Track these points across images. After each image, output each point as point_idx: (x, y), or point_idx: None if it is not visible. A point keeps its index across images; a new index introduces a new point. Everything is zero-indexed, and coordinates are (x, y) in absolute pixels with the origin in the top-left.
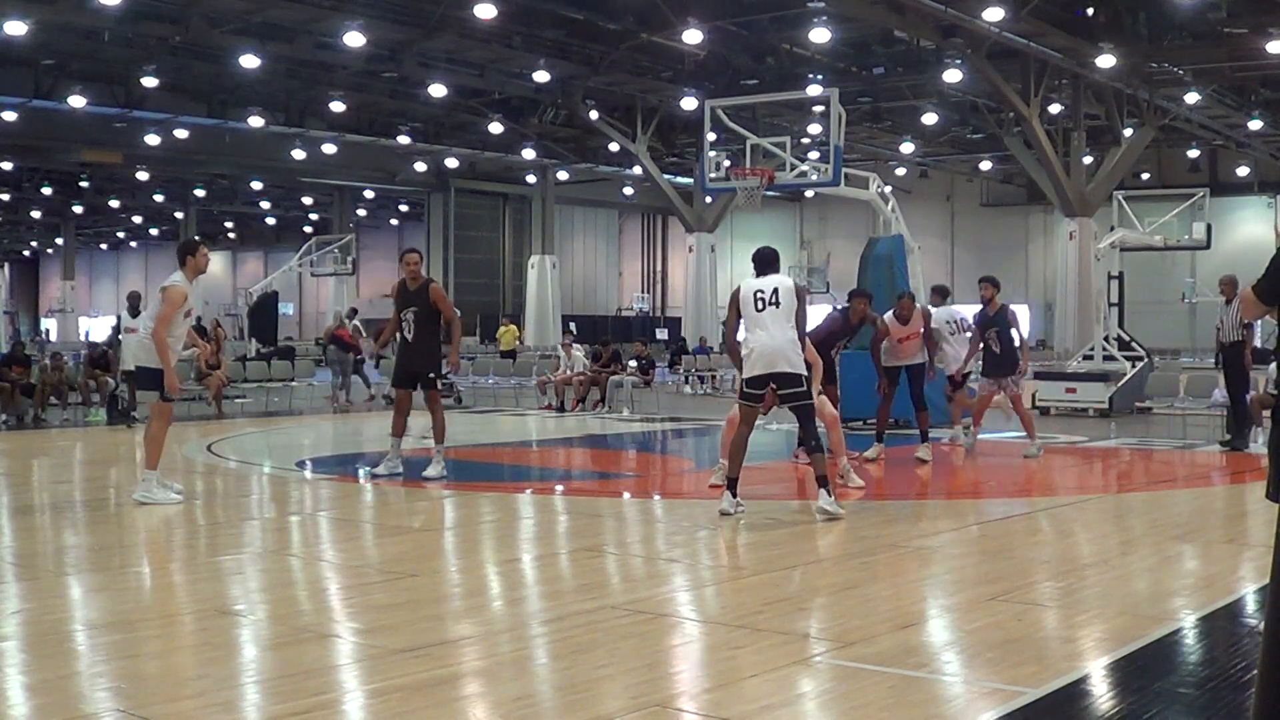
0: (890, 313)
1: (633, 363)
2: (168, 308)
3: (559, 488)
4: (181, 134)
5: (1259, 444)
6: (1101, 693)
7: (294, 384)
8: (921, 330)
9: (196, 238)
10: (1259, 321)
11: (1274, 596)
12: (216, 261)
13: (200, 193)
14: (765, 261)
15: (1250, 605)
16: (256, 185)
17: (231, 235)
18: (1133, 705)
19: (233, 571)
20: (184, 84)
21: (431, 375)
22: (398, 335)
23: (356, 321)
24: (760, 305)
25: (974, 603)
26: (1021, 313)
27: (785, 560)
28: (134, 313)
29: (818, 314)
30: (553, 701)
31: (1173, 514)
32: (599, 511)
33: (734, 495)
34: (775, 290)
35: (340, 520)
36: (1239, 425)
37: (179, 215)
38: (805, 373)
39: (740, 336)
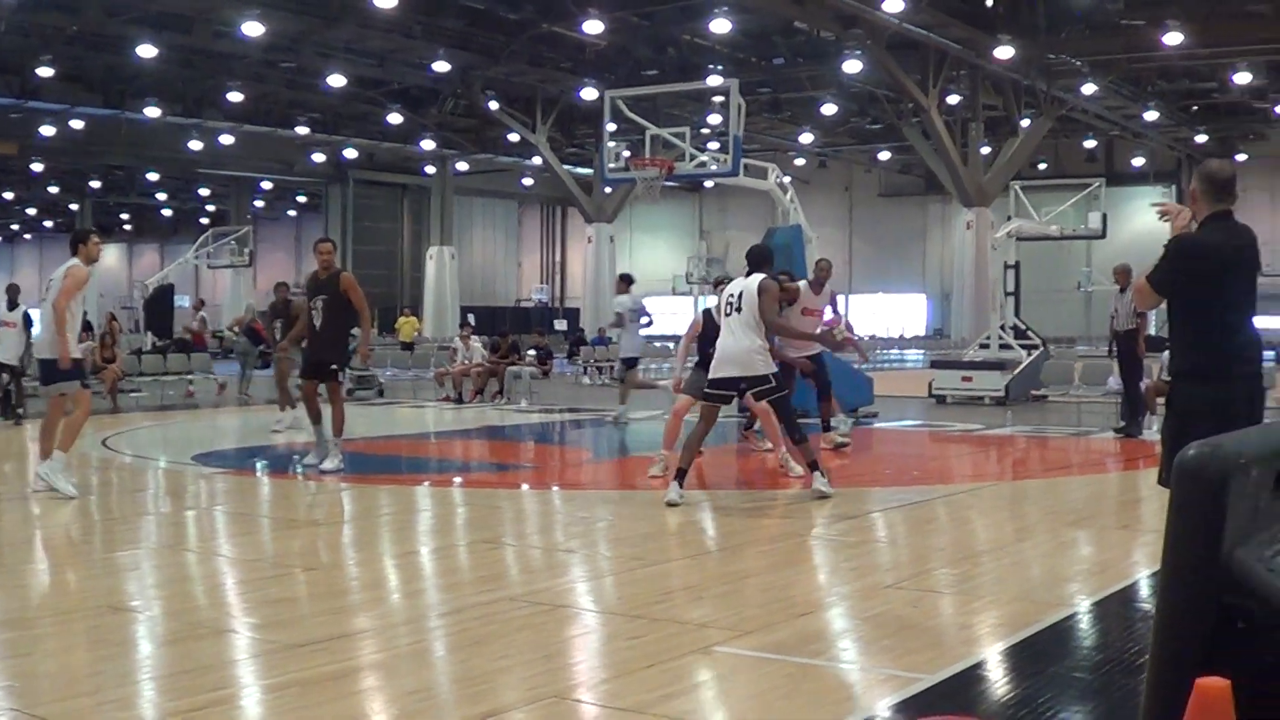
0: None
1: (531, 353)
2: (70, 283)
3: (457, 480)
4: (77, 125)
5: (1152, 431)
6: (997, 678)
7: (191, 377)
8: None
9: (90, 228)
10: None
11: (1165, 581)
12: (112, 254)
13: (96, 184)
14: (753, 260)
15: (1144, 590)
16: (153, 176)
17: (127, 227)
18: (1028, 690)
19: (128, 567)
20: (80, 74)
21: (334, 366)
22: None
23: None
24: (729, 310)
25: (871, 590)
26: (919, 302)
27: (683, 550)
28: (11, 305)
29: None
30: (450, 694)
31: (1068, 500)
32: (497, 503)
33: (681, 485)
34: (740, 295)
35: (236, 514)
36: (1132, 412)
37: (74, 207)
38: (772, 370)
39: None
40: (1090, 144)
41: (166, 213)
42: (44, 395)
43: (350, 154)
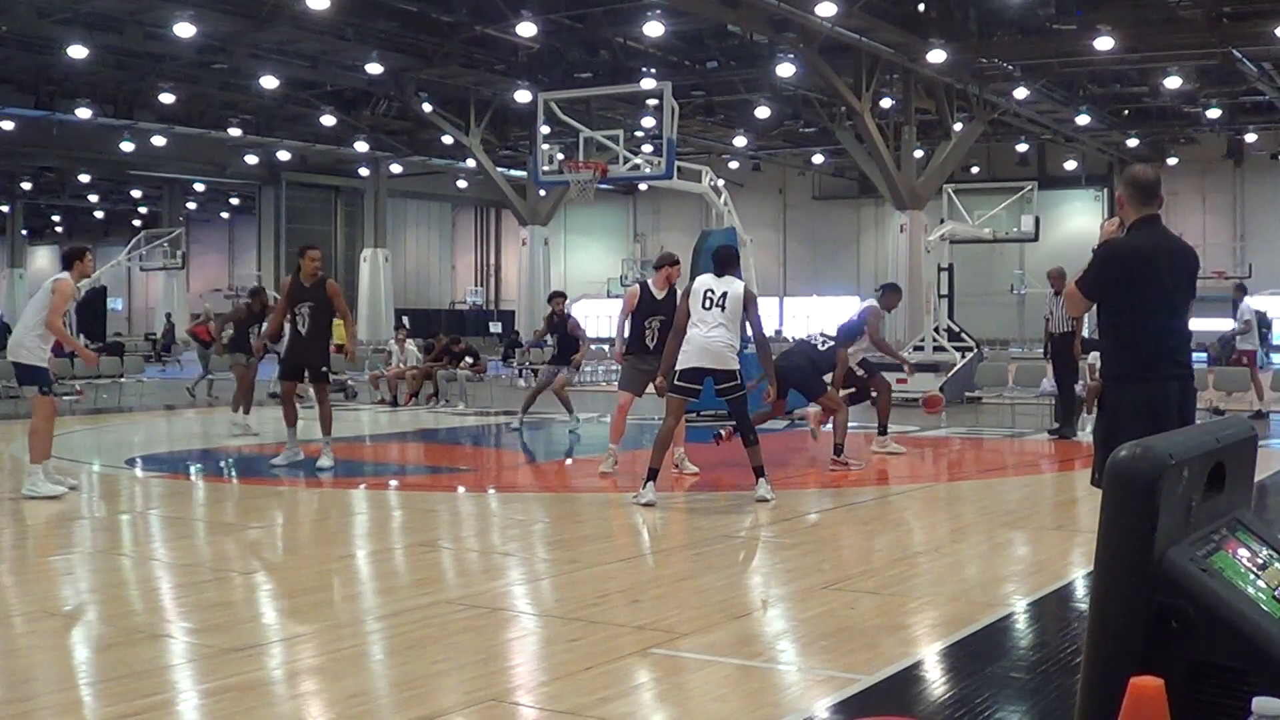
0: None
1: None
2: (59, 299)
3: (393, 483)
4: (7, 126)
5: (1086, 432)
6: (935, 678)
7: (123, 380)
8: None
9: (85, 246)
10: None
11: (1100, 581)
12: (43, 256)
13: (27, 186)
14: (723, 261)
15: (1079, 590)
16: (84, 178)
17: (59, 229)
18: (965, 689)
19: (62, 572)
20: (10, 75)
21: (323, 368)
22: (287, 329)
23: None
24: (708, 304)
25: (807, 592)
26: (853, 304)
27: (620, 552)
28: None
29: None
30: (388, 698)
31: (1003, 502)
32: (434, 506)
33: (654, 485)
34: (725, 294)
35: (172, 518)
36: (1066, 414)
37: (5, 209)
38: (737, 368)
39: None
40: (1022, 148)
41: (98, 215)
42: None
43: (283, 156)
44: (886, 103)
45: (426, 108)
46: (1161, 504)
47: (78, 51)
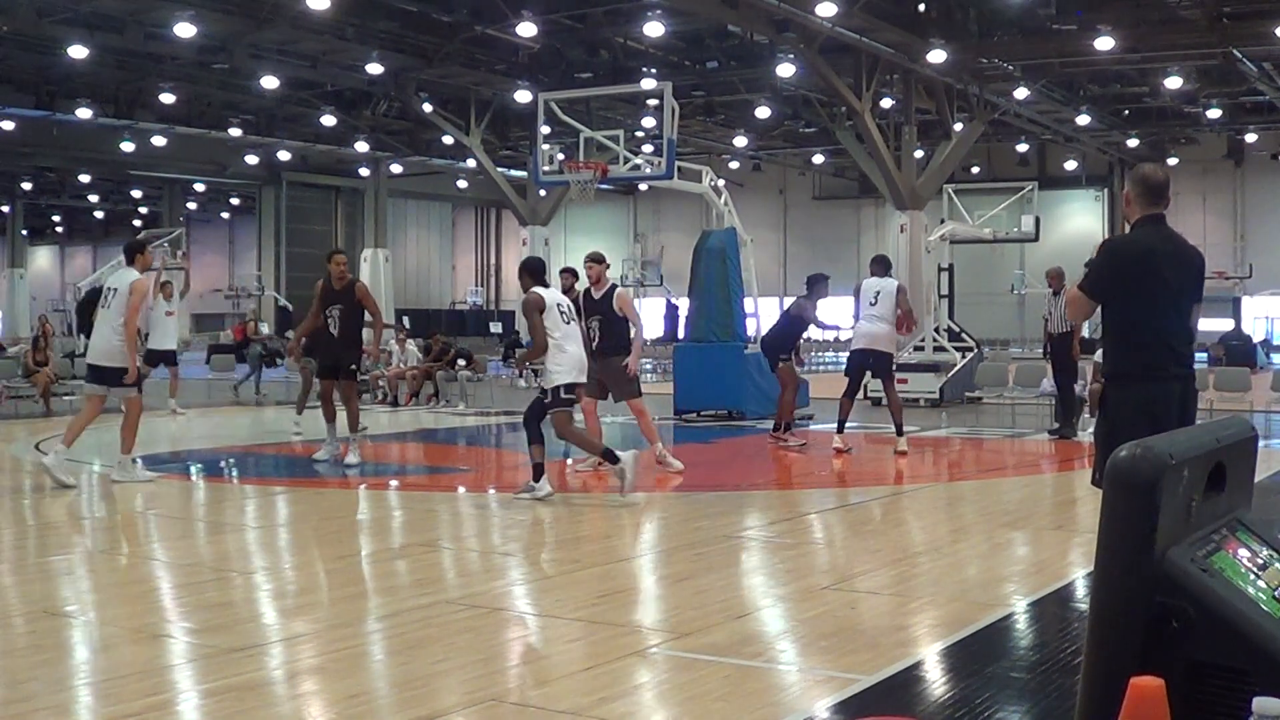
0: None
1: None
2: (136, 298)
3: (393, 483)
4: (8, 126)
5: (1086, 432)
6: (935, 678)
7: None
8: None
9: (143, 238)
10: None
11: (1100, 581)
12: (44, 256)
13: (27, 185)
14: (537, 273)
15: (1079, 590)
16: (85, 178)
17: (59, 229)
18: (965, 690)
19: (63, 572)
20: (11, 75)
21: (353, 366)
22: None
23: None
24: (567, 319)
25: (807, 592)
26: (853, 304)
27: (620, 552)
28: None
29: (653, 307)
30: (388, 698)
31: (1003, 502)
32: (434, 506)
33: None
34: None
35: (172, 518)
36: (1066, 414)
37: (5, 209)
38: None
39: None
40: (1023, 148)
41: (99, 215)
42: (102, 395)
43: (284, 156)
44: (887, 103)
45: (427, 108)
46: (1162, 504)
47: (78, 51)
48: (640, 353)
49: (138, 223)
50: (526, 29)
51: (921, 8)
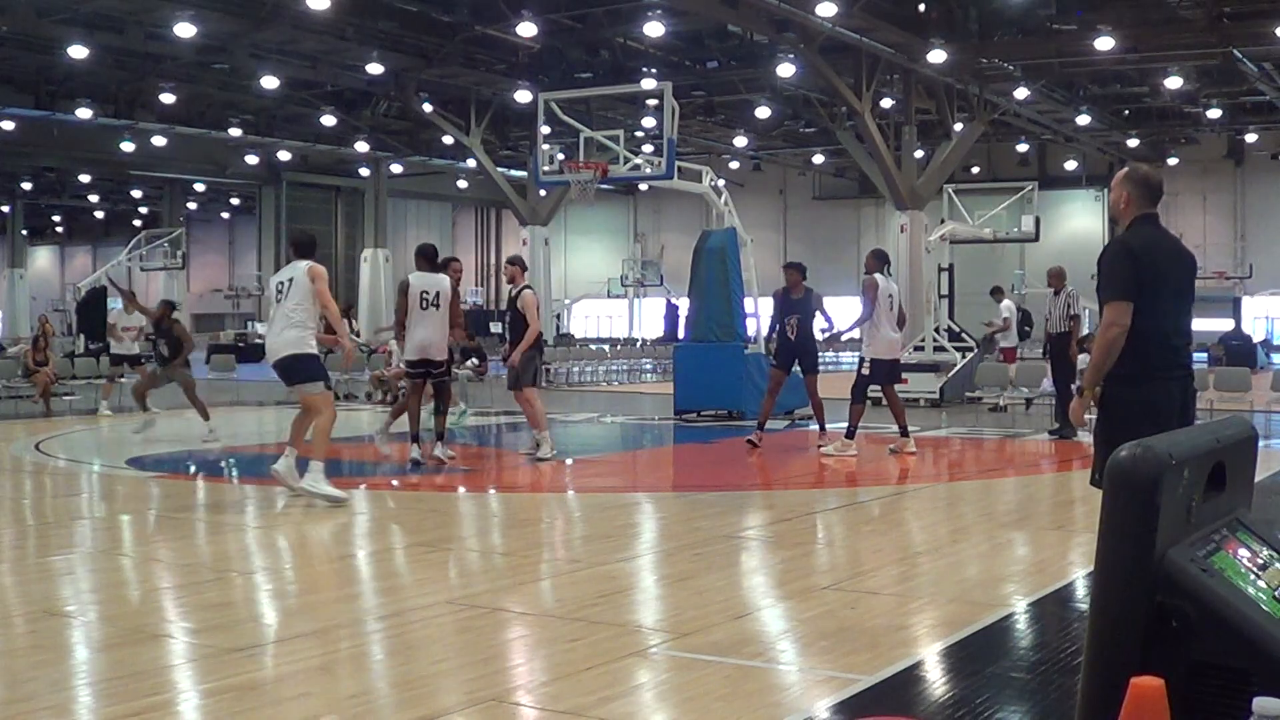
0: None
1: (472, 361)
2: (322, 283)
3: (394, 483)
4: (8, 126)
5: (1086, 432)
6: (935, 678)
7: (123, 381)
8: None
9: (311, 235)
10: (1085, 312)
11: (1100, 581)
12: (44, 256)
13: (27, 186)
14: (429, 258)
15: (1079, 590)
16: (85, 178)
17: (60, 229)
18: (965, 690)
19: (63, 572)
20: (10, 75)
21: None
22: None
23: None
24: (425, 305)
25: (807, 592)
26: (853, 304)
27: (619, 552)
28: None
29: (653, 307)
30: (389, 698)
31: (1003, 502)
32: (434, 506)
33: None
34: (438, 294)
35: (172, 518)
36: (1065, 414)
37: (5, 209)
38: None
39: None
40: (1023, 148)
41: (99, 215)
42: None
43: (284, 156)
44: (887, 103)
45: (427, 108)
46: (1162, 504)
47: (78, 51)
48: (525, 348)
49: (138, 223)
50: (526, 29)
51: (921, 8)
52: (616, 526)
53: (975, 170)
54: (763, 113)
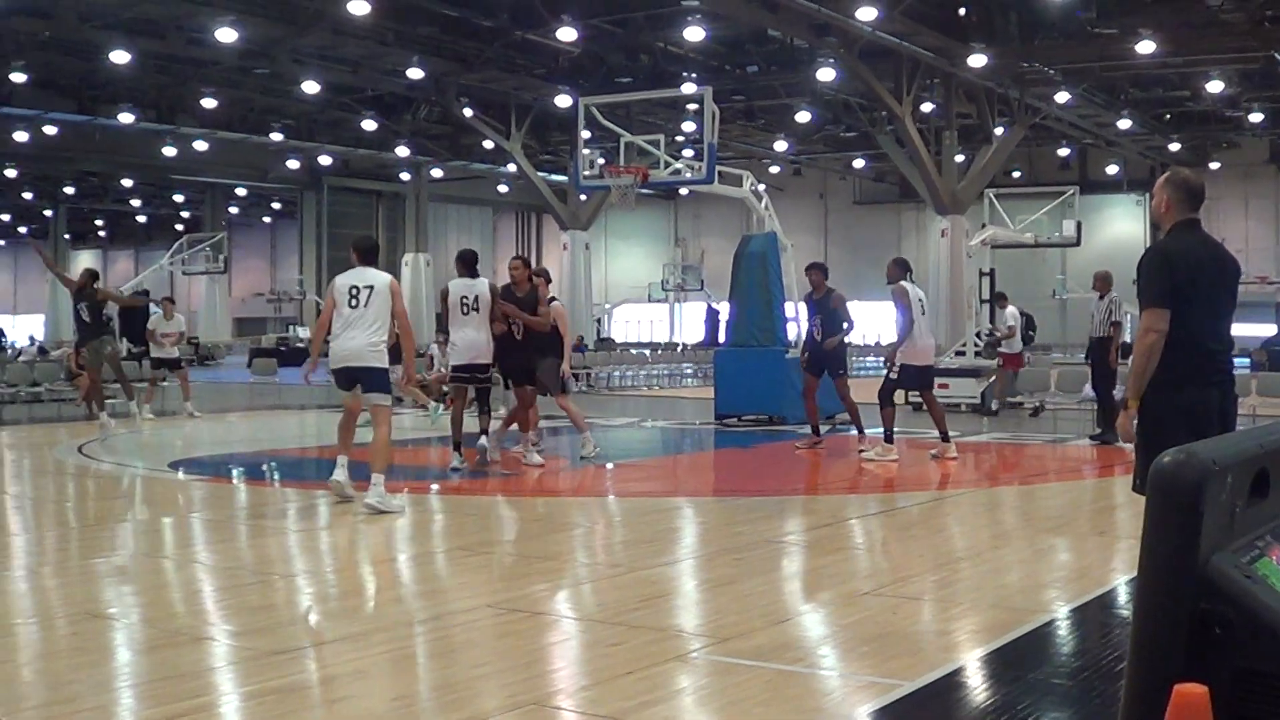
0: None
1: None
2: (402, 302)
3: (434, 487)
4: (51, 130)
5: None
6: (976, 684)
7: (164, 385)
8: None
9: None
10: (1127, 317)
11: (1143, 588)
12: (86, 260)
13: (70, 190)
14: (469, 263)
15: (1121, 596)
16: (127, 182)
17: (102, 234)
18: (1007, 696)
19: (106, 574)
20: (53, 80)
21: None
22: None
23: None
24: (465, 309)
25: (849, 597)
26: (894, 309)
27: (660, 556)
28: None
29: (694, 311)
30: (430, 701)
31: (1044, 507)
32: (474, 510)
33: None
34: (476, 298)
35: (214, 521)
36: (1107, 419)
37: (48, 213)
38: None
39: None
40: (1064, 152)
41: (141, 219)
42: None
43: (325, 160)
44: (927, 107)
45: (467, 112)
46: (1205, 510)
47: (120, 57)
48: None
49: (179, 227)
50: (567, 34)
51: (962, 11)
52: (657, 531)
53: (1016, 174)
54: (803, 117)
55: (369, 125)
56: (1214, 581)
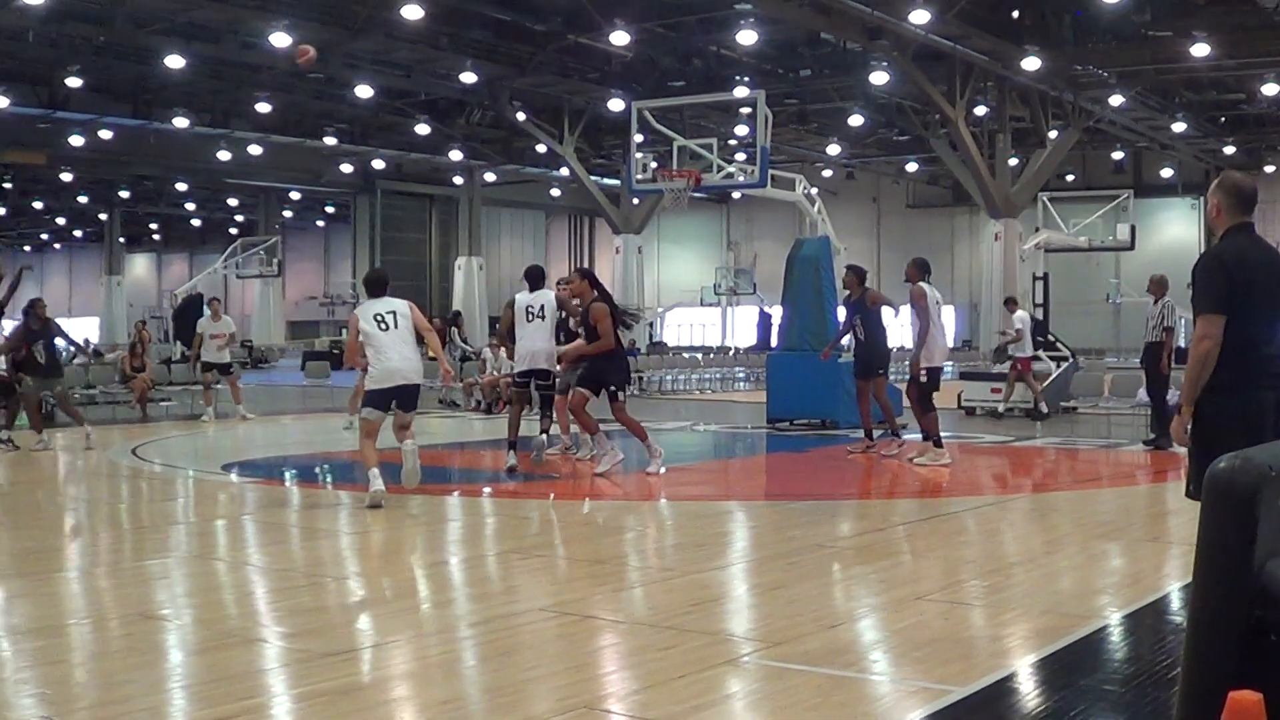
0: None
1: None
2: (420, 316)
3: (486, 490)
4: (106, 135)
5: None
6: (1028, 690)
7: (218, 387)
8: None
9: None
10: (1181, 322)
11: (1197, 594)
12: (141, 264)
13: (125, 194)
14: (535, 278)
15: (1175, 603)
16: (181, 186)
17: (156, 237)
18: (1059, 702)
19: (158, 576)
20: (108, 84)
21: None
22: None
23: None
24: (530, 317)
25: (900, 602)
26: (947, 313)
27: (711, 561)
28: None
29: (746, 315)
30: (481, 704)
31: (1097, 512)
32: (526, 513)
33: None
34: (543, 306)
35: (266, 524)
36: (1161, 424)
37: (103, 217)
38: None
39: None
40: (1118, 155)
41: (195, 223)
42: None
43: (378, 164)
44: (981, 110)
45: (520, 116)
46: (1261, 516)
47: (175, 61)
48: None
49: (233, 230)
50: (619, 37)
51: (1015, 14)
52: (709, 535)
53: (1070, 178)
54: (855, 120)
55: (422, 129)
56: (1269, 588)
